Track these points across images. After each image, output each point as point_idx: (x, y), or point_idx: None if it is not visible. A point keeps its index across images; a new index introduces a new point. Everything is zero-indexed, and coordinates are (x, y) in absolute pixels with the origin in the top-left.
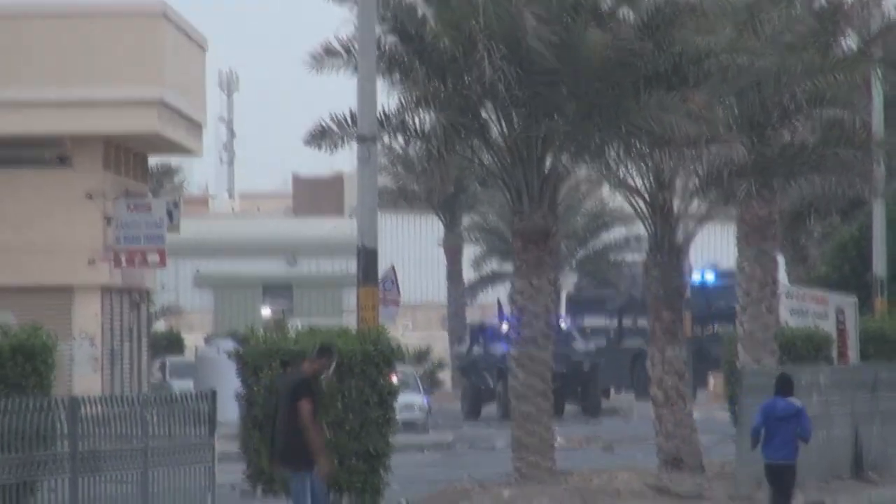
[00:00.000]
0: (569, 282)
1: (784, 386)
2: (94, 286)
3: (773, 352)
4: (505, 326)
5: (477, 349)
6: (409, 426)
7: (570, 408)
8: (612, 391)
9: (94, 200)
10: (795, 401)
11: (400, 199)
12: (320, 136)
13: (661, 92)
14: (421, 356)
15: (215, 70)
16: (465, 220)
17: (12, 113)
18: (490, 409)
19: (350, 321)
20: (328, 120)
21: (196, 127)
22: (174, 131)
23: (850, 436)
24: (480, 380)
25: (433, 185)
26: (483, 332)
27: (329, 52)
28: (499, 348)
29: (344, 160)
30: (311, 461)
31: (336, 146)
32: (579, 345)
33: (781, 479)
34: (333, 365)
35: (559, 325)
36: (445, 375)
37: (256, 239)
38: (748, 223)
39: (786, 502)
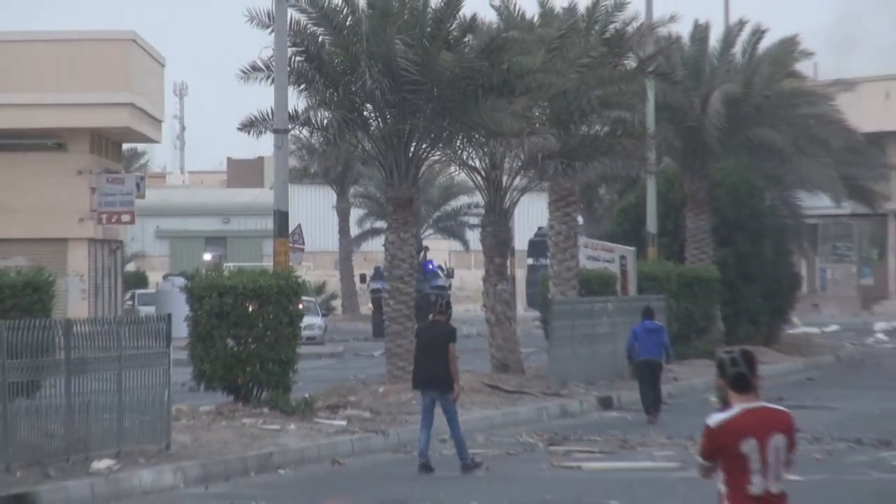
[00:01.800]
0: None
1: (648, 312)
2: (82, 238)
3: (574, 287)
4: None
5: (380, 284)
6: (311, 340)
7: None
8: None
9: (83, 175)
10: (657, 322)
11: (305, 175)
12: (250, 125)
13: (494, 98)
14: (319, 289)
15: (171, 80)
16: (352, 190)
17: (23, 112)
18: None
19: (268, 264)
20: (255, 114)
21: (157, 122)
22: (140, 125)
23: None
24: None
25: (329, 164)
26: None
27: (255, 68)
28: None
29: (264, 147)
30: (452, 386)
31: (260, 133)
32: (441, 281)
33: (652, 371)
34: (449, 311)
35: (428, 266)
36: (337, 303)
37: (200, 204)
38: (556, 193)
39: (656, 389)
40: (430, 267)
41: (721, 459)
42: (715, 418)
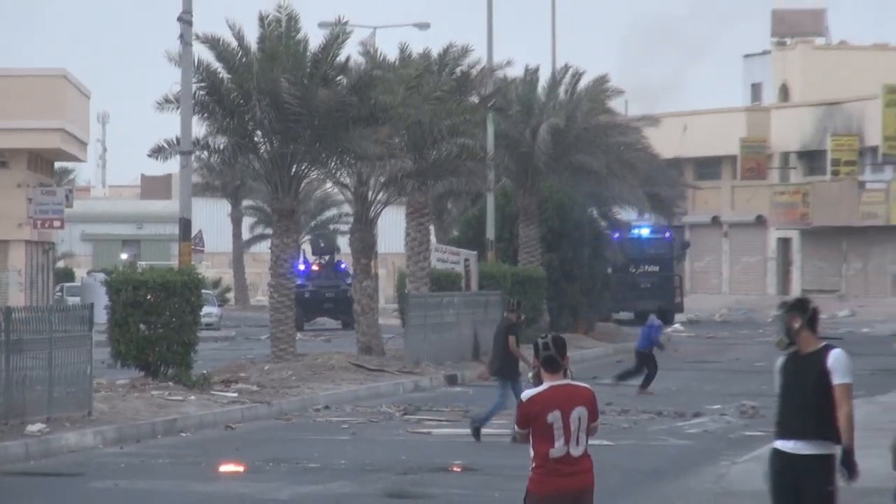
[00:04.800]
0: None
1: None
2: (20, 240)
3: (427, 284)
4: (301, 267)
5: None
6: (208, 326)
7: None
8: None
9: (21, 188)
10: (656, 320)
11: (206, 190)
12: (158, 151)
13: (362, 127)
14: (216, 283)
15: (95, 110)
16: (244, 202)
17: None
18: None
19: (174, 263)
20: (163, 142)
21: (83, 145)
22: (70, 147)
23: (472, 335)
24: None
25: (225, 180)
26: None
27: (167, 101)
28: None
29: (172, 166)
30: (516, 373)
31: (167, 159)
32: (349, 280)
33: (641, 359)
34: (523, 314)
35: (340, 266)
36: (231, 295)
37: (119, 213)
38: (413, 206)
39: (652, 374)
40: (343, 267)
41: (532, 427)
42: (526, 393)
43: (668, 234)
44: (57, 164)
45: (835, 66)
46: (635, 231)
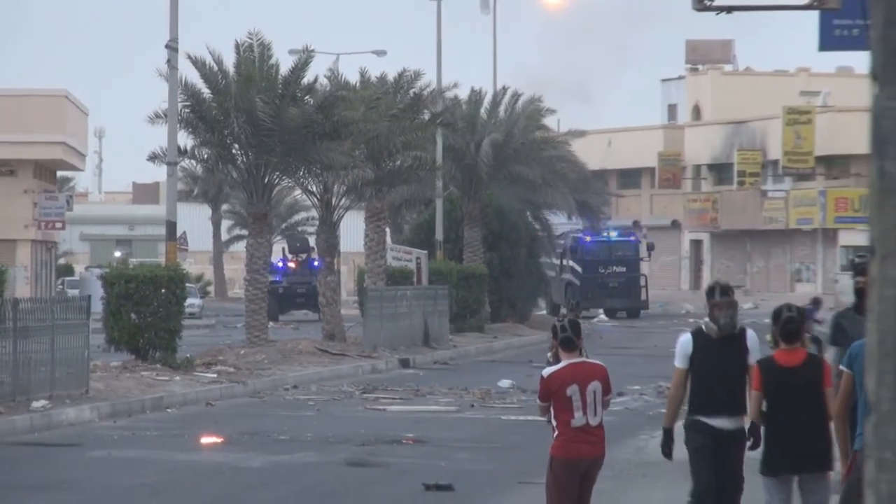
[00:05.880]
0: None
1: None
2: (27, 239)
3: (383, 279)
4: (279, 264)
5: (277, 277)
6: (191, 315)
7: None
8: None
9: (28, 194)
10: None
11: (189, 196)
12: (154, 157)
13: (327, 141)
14: (198, 278)
15: (92, 125)
16: (223, 207)
17: None
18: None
19: (162, 260)
20: (158, 149)
21: (82, 156)
22: (70, 158)
23: (422, 323)
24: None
25: (207, 188)
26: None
27: (157, 116)
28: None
29: (160, 174)
30: None
31: (161, 164)
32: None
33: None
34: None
35: (313, 264)
36: (211, 288)
37: (113, 215)
38: (371, 211)
39: None
40: (316, 264)
41: (552, 400)
42: (547, 370)
43: (633, 237)
44: (59, 173)
45: (741, 90)
46: (604, 234)
